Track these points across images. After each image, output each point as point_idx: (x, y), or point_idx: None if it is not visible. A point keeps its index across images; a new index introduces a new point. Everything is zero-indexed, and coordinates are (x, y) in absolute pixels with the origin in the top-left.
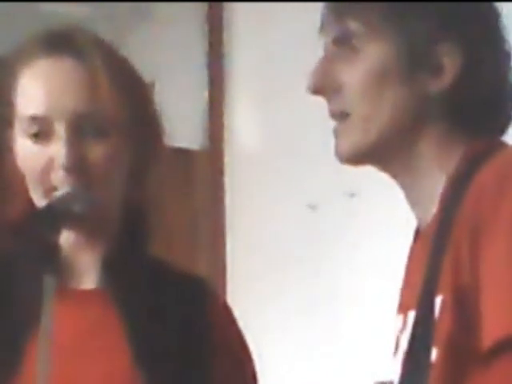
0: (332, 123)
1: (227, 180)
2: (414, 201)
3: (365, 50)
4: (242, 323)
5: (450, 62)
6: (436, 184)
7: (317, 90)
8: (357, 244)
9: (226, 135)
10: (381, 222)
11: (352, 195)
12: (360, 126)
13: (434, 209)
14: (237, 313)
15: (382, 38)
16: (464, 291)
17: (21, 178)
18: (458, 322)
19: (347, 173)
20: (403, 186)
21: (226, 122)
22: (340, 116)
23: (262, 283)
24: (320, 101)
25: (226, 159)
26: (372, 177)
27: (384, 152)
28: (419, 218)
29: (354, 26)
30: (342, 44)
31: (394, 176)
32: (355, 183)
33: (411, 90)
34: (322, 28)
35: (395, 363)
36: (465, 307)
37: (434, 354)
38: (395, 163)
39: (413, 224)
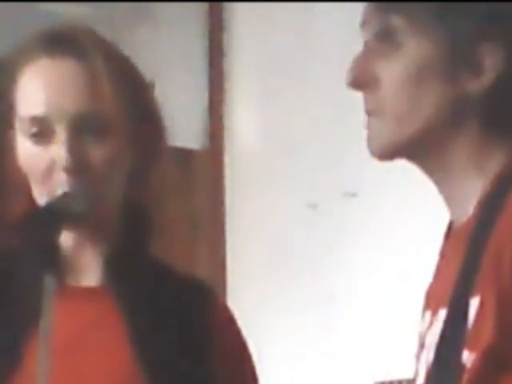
0: (331, 123)
1: (227, 180)
2: (448, 198)
3: (406, 46)
4: (242, 323)
5: (491, 64)
6: (472, 184)
7: (356, 84)
8: (357, 244)
9: (226, 135)
10: (381, 222)
11: (352, 195)
12: (395, 122)
13: (469, 208)
14: (237, 313)
15: (424, 34)
16: (506, 301)
17: (23, 178)
18: (500, 331)
19: (347, 173)
20: (438, 183)
21: (226, 122)
22: (375, 111)
23: (262, 283)
24: (320, 101)
25: (226, 159)
26: (372, 177)
27: (418, 148)
28: (453, 215)
29: (397, 21)
30: (384, 39)
31: (429, 172)
32: (355, 183)
33: (449, 89)
34: (364, 23)
35: (420, 360)
36: (507, 316)
37: (468, 357)
38: (430, 160)
39: (412, 224)
